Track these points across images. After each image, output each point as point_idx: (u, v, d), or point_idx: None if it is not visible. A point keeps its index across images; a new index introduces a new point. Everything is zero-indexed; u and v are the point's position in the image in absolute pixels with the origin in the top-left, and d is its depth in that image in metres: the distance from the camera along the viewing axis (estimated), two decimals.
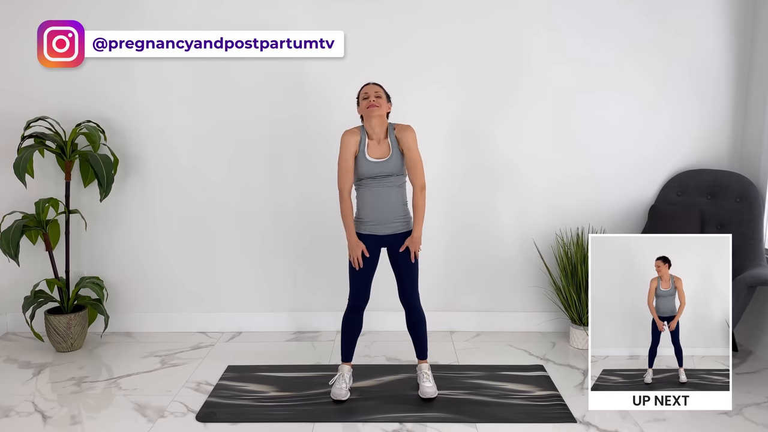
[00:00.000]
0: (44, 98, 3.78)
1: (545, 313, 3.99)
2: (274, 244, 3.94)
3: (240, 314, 4.00)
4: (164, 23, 3.73)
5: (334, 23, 3.72)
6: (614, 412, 2.89)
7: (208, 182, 3.88)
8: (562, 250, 3.73)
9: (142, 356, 3.59)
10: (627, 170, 3.85)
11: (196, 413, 2.89)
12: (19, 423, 2.81)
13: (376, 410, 2.90)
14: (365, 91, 2.94)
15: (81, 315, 3.69)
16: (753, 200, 3.48)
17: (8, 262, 3.71)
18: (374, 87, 2.95)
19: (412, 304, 3.03)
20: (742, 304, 3.12)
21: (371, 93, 2.91)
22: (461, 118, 3.82)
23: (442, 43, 3.74)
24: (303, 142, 3.83)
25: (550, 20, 3.72)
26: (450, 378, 3.24)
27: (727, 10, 3.69)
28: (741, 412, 2.89)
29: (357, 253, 2.93)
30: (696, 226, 3.46)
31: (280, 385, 3.18)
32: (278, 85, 3.78)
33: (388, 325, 3.91)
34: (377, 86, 2.96)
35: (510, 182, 3.87)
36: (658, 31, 3.71)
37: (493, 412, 2.88)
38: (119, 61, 3.76)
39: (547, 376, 3.29)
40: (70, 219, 3.76)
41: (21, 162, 3.45)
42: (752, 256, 3.38)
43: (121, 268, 3.96)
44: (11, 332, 4.00)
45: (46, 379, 3.30)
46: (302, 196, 3.88)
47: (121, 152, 3.84)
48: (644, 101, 3.79)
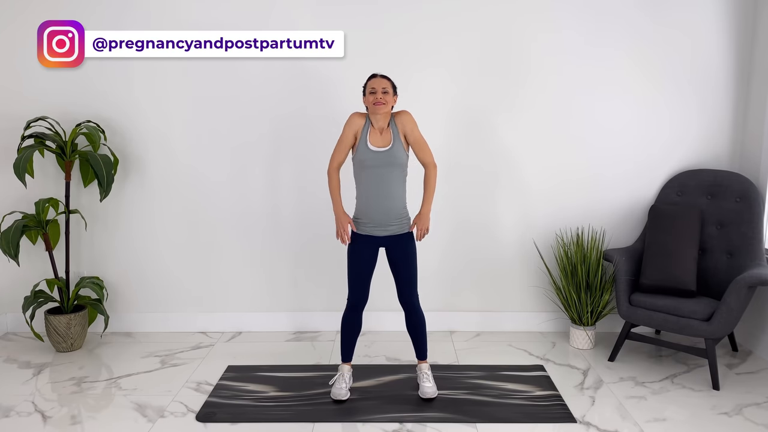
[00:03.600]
0: (44, 98, 3.78)
1: (545, 313, 3.99)
2: (273, 244, 3.94)
3: (240, 314, 4.00)
4: (164, 23, 3.73)
5: (334, 23, 3.72)
6: (614, 412, 2.89)
7: (208, 182, 3.88)
8: (562, 250, 3.73)
9: (142, 356, 3.59)
10: (627, 170, 3.85)
11: (196, 413, 2.89)
12: (19, 423, 2.81)
13: (376, 410, 2.90)
14: (372, 86, 2.91)
15: (81, 315, 3.69)
16: (753, 200, 3.47)
17: (8, 262, 3.71)
18: (382, 82, 2.91)
19: (411, 305, 3.02)
20: (742, 304, 3.12)
21: (378, 89, 2.88)
22: (461, 119, 3.82)
23: (442, 44, 3.73)
24: (303, 142, 3.83)
25: (551, 21, 3.72)
26: (450, 378, 3.24)
27: (727, 10, 3.69)
28: (741, 412, 2.89)
29: (343, 225, 2.95)
30: (696, 226, 3.46)
31: (280, 385, 3.18)
32: (278, 86, 3.78)
33: (388, 325, 3.91)
34: (385, 80, 2.93)
35: (510, 182, 3.87)
36: (659, 31, 3.71)
37: (493, 412, 2.88)
38: (119, 61, 3.76)
39: (547, 376, 3.29)
40: (70, 219, 3.76)
41: (21, 162, 3.45)
42: (752, 256, 3.38)
43: (121, 268, 3.96)
44: (11, 332, 4.00)
45: (46, 379, 3.30)
46: (302, 196, 3.88)
47: (121, 152, 3.84)
48: (644, 101, 3.79)
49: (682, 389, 3.14)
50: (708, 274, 3.52)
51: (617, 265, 3.49)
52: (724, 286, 3.36)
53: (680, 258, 3.40)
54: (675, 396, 3.06)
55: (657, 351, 3.67)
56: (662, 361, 3.51)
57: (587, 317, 3.65)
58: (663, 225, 3.53)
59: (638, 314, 3.36)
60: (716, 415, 2.86)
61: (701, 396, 3.06)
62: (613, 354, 3.51)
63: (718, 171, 3.67)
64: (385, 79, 2.94)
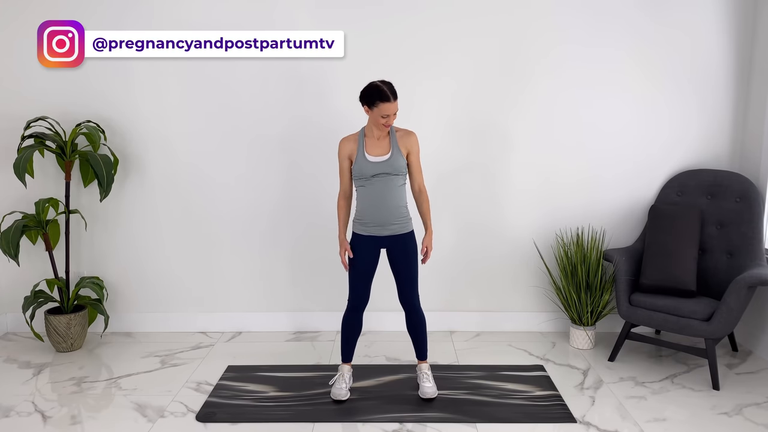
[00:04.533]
0: (44, 98, 3.78)
1: (545, 313, 3.99)
2: (273, 244, 3.94)
3: (240, 314, 4.00)
4: (164, 23, 3.73)
5: (334, 23, 3.72)
6: (614, 412, 2.89)
7: (208, 182, 3.88)
8: (562, 250, 3.73)
9: (142, 356, 3.59)
10: (627, 170, 3.85)
11: (196, 413, 2.89)
12: (19, 423, 2.81)
13: (376, 410, 2.90)
14: (385, 110, 2.79)
15: (81, 315, 3.69)
16: (753, 200, 3.47)
17: (8, 262, 3.72)
18: (394, 106, 2.81)
19: (411, 305, 3.02)
20: (742, 304, 3.12)
21: (391, 113, 2.81)
22: (461, 119, 3.82)
23: (442, 45, 3.73)
24: (303, 142, 3.82)
25: (552, 22, 3.71)
26: (450, 378, 3.24)
27: (727, 10, 3.69)
28: (741, 412, 2.89)
29: (341, 253, 2.99)
30: (696, 226, 3.46)
31: (280, 385, 3.18)
32: (278, 86, 3.78)
33: (388, 325, 3.91)
34: (396, 103, 2.82)
35: (510, 182, 3.87)
36: (659, 30, 3.71)
37: (493, 412, 2.88)
38: (119, 61, 3.76)
39: (547, 376, 3.29)
40: (70, 219, 3.76)
41: (21, 162, 3.45)
42: (752, 256, 3.38)
43: (121, 268, 3.96)
44: (11, 332, 4.00)
45: (46, 379, 3.30)
46: (302, 196, 3.88)
47: (121, 152, 3.84)
48: (644, 101, 3.79)
49: (682, 389, 3.14)
50: (708, 274, 3.52)
51: (617, 265, 3.49)
52: (724, 286, 3.36)
53: (680, 258, 3.40)
54: (675, 396, 3.06)
55: (657, 351, 3.67)
56: (662, 361, 3.51)
57: (587, 317, 3.65)
58: (663, 225, 3.53)
59: (638, 314, 3.36)
60: (716, 415, 2.86)
61: (701, 396, 3.06)
62: (613, 354, 3.51)
63: (718, 171, 3.67)
64: (396, 101, 2.83)
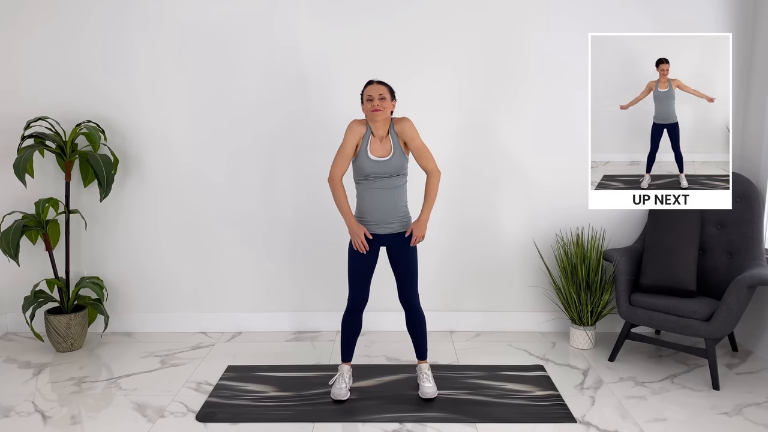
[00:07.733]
0: (44, 98, 3.78)
1: (545, 313, 3.99)
2: (273, 244, 3.94)
3: (240, 314, 4.00)
4: (164, 23, 3.73)
5: (334, 22, 3.72)
6: (614, 412, 2.89)
7: (208, 182, 3.88)
8: (562, 250, 3.73)
9: (142, 356, 3.59)
10: None
11: (196, 413, 2.89)
12: (19, 423, 2.81)
13: (376, 410, 2.90)
14: (369, 93, 2.83)
15: (81, 315, 3.69)
16: (753, 200, 3.47)
17: (8, 262, 3.71)
18: (378, 88, 2.83)
19: (411, 305, 3.02)
20: (742, 304, 3.12)
21: (375, 95, 2.81)
22: (461, 118, 3.82)
23: (442, 45, 3.73)
24: (303, 141, 3.82)
25: (552, 21, 3.71)
26: (450, 378, 3.24)
27: (727, 10, 3.69)
28: (741, 412, 2.89)
29: (360, 237, 2.86)
30: (696, 226, 3.46)
31: (280, 385, 3.18)
32: (278, 85, 3.78)
33: (388, 325, 3.91)
34: (381, 86, 2.85)
35: (510, 182, 3.87)
36: (659, 31, 3.71)
37: (493, 412, 2.88)
38: (119, 62, 3.76)
39: (547, 376, 3.29)
40: (70, 219, 3.76)
41: (21, 162, 3.45)
42: (752, 256, 3.38)
43: (121, 268, 3.96)
44: (11, 332, 4.00)
45: (46, 379, 3.30)
46: (302, 196, 3.88)
47: (121, 152, 3.84)
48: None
49: (682, 389, 3.14)
50: (708, 274, 3.52)
51: (617, 265, 3.49)
52: (724, 286, 3.36)
53: (680, 258, 3.40)
54: (675, 396, 3.06)
55: (657, 351, 3.67)
56: (662, 361, 3.51)
57: (587, 317, 3.65)
58: (663, 225, 3.53)
59: (638, 314, 3.36)
60: (716, 415, 2.86)
61: (701, 396, 3.06)
62: (613, 354, 3.51)
63: None
64: (382, 85, 2.85)
